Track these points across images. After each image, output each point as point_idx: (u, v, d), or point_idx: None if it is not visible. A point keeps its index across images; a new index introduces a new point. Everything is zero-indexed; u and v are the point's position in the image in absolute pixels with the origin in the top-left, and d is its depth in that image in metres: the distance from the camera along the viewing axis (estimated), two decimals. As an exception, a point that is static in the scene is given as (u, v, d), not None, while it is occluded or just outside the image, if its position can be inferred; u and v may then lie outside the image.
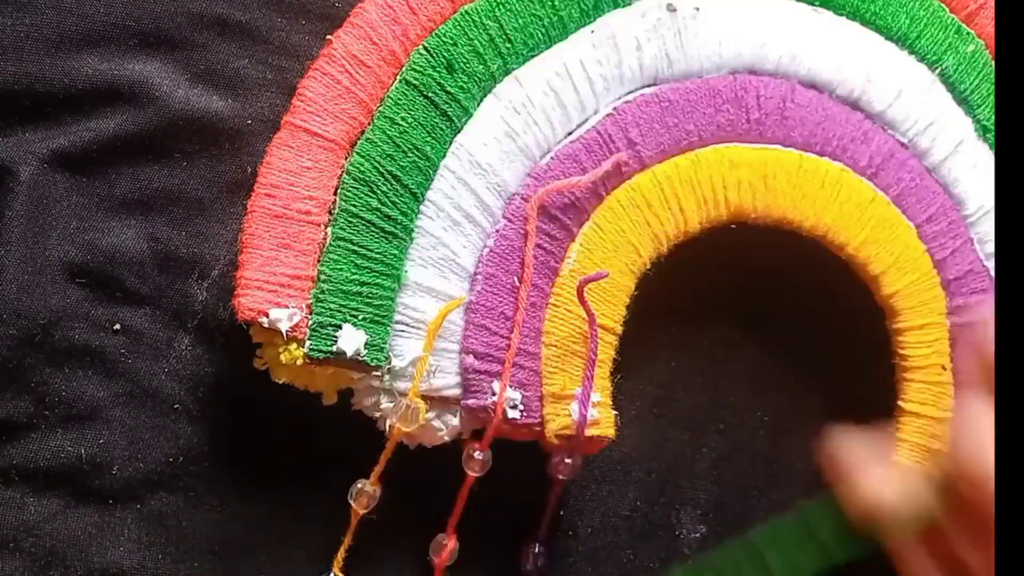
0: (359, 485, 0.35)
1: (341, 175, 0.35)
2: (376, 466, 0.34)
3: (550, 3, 0.36)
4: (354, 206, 0.35)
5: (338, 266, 0.35)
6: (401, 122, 0.35)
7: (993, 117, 0.37)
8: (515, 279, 0.35)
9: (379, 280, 0.35)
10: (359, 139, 0.35)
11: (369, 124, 0.35)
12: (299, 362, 0.34)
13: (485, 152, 0.35)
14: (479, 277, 0.35)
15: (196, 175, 0.37)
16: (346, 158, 0.35)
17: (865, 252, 0.36)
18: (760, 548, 0.33)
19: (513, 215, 0.35)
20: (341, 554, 0.36)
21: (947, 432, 0.30)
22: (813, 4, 0.37)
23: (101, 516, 0.36)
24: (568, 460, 0.36)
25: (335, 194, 0.35)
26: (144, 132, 0.37)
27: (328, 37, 0.36)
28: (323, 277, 0.34)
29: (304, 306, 0.34)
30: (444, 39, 0.35)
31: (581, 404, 0.35)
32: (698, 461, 0.40)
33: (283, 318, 0.34)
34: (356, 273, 0.34)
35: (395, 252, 0.35)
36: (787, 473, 0.40)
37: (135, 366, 0.37)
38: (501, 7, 0.36)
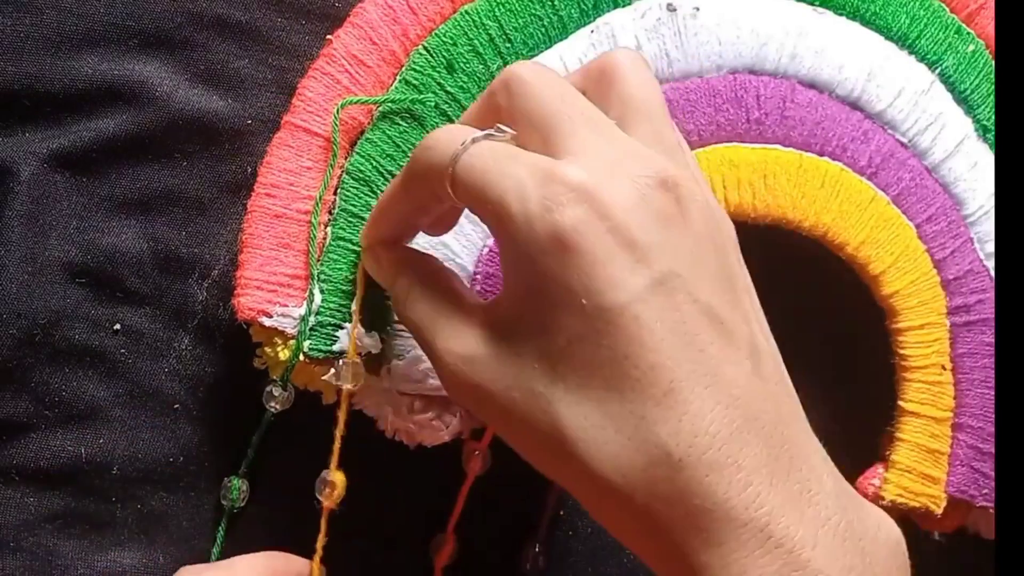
0: (323, 475, 0.34)
1: (341, 175, 0.35)
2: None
3: (550, 3, 0.36)
4: (354, 206, 0.35)
5: (338, 266, 0.35)
6: (401, 122, 0.35)
7: (993, 117, 0.37)
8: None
9: (379, 280, 0.35)
10: (359, 139, 0.35)
11: (369, 124, 0.35)
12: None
13: (485, 152, 0.35)
14: (479, 277, 0.35)
15: (196, 175, 0.37)
16: (346, 158, 0.35)
17: (865, 252, 0.36)
18: None
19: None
20: (320, 548, 0.35)
21: None
22: (813, 4, 0.37)
23: (101, 516, 0.36)
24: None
25: (335, 194, 0.35)
26: (144, 132, 0.37)
27: (328, 37, 0.36)
28: (323, 277, 0.34)
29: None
30: (444, 39, 0.35)
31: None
32: (698, 461, 0.39)
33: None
34: (356, 273, 0.34)
35: (395, 252, 0.35)
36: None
37: (135, 366, 0.37)
38: (501, 7, 0.36)
